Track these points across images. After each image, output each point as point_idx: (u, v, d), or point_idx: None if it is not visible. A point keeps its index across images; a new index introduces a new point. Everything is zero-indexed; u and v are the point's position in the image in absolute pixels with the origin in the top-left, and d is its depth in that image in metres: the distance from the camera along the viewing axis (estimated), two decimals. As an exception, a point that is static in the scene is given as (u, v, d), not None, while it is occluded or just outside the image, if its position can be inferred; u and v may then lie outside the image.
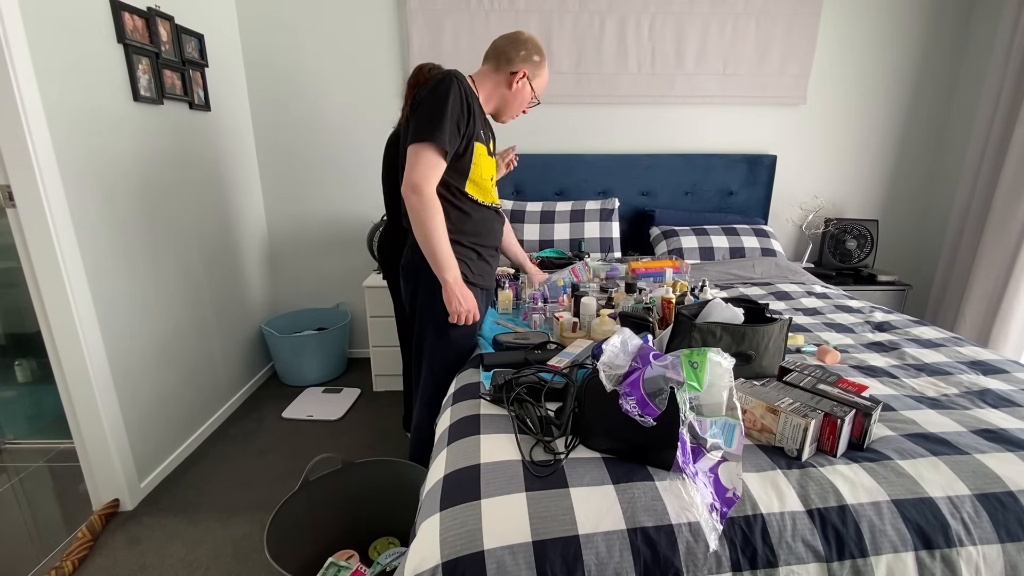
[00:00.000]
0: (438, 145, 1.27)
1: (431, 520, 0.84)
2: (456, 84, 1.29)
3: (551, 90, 2.67)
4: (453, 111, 1.28)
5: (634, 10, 2.57)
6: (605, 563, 0.78)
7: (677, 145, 2.83)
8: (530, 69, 1.45)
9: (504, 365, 1.31)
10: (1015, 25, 2.37)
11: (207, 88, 2.28)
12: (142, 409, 1.90)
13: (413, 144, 1.28)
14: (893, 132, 2.86)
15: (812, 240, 2.94)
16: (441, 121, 1.26)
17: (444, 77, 1.30)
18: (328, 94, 2.66)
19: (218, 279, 2.40)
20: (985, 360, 1.43)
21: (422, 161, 1.28)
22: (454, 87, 1.29)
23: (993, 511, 0.86)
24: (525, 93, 1.48)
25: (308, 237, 2.89)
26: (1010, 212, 2.37)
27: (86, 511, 1.77)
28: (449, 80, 1.29)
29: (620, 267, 2.24)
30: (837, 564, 0.81)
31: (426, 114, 1.28)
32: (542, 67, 1.48)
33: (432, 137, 1.26)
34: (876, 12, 2.67)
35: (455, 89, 1.29)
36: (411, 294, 1.50)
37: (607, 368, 0.97)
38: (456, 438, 1.04)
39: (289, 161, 2.75)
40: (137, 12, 1.85)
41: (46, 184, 1.51)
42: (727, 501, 0.84)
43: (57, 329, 1.61)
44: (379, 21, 2.57)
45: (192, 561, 1.59)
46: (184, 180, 2.15)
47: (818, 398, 1.01)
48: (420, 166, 1.28)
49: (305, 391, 2.66)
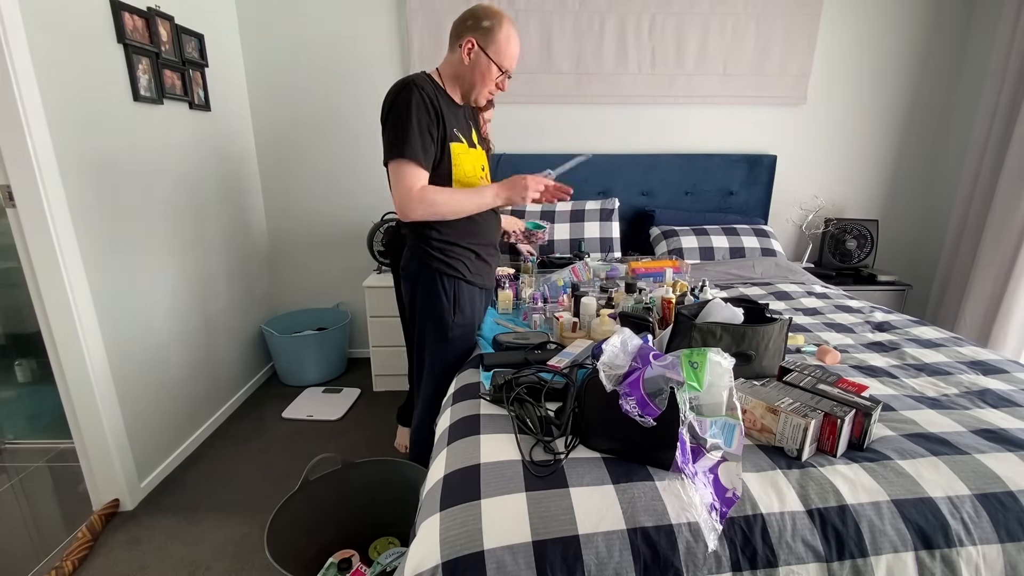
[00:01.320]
0: (411, 159, 1.28)
1: (431, 520, 0.84)
2: (416, 92, 1.28)
3: (551, 90, 2.67)
4: (420, 122, 1.28)
5: (634, 10, 2.57)
6: (605, 563, 0.78)
7: (677, 145, 2.83)
8: (479, 37, 1.35)
9: (504, 365, 1.31)
10: (1015, 25, 2.37)
11: (207, 88, 2.28)
12: (142, 409, 1.90)
13: (389, 162, 1.30)
14: (893, 132, 2.86)
15: (812, 240, 2.94)
16: (407, 134, 1.27)
17: (402, 88, 1.29)
18: (328, 94, 2.65)
19: (218, 279, 2.40)
20: (985, 360, 1.43)
21: (404, 175, 1.29)
22: (414, 96, 1.28)
23: (993, 511, 0.86)
24: (481, 64, 1.37)
25: (308, 237, 2.89)
26: (1010, 212, 2.37)
27: (86, 511, 1.77)
28: (408, 90, 1.28)
29: (620, 267, 2.24)
30: (837, 564, 0.81)
31: (392, 130, 1.28)
32: (495, 32, 1.35)
33: (403, 153, 1.27)
34: (876, 12, 2.67)
35: (415, 98, 1.28)
36: (410, 295, 1.51)
37: (607, 368, 0.96)
38: (456, 438, 1.04)
39: (289, 161, 2.75)
40: (137, 12, 1.85)
41: (46, 184, 1.51)
42: (727, 501, 0.84)
43: (57, 329, 1.61)
44: (379, 21, 2.57)
45: (192, 561, 1.59)
46: (184, 180, 2.15)
47: (818, 398, 1.01)
48: (404, 180, 1.29)
49: (305, 391, 2.66)
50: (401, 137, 1.27)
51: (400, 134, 1.27)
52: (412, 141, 1.27)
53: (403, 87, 1.30)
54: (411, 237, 1.47)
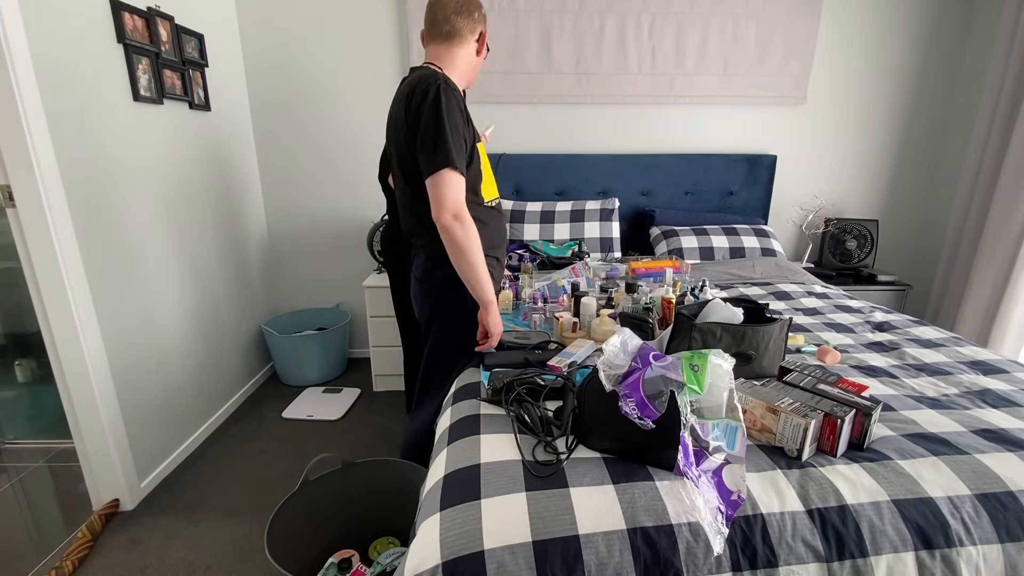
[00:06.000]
0: (456, 168, 1.23)
1: (431, 520, 0.84)
2: (451, 94, 1.24)
3: (551, 90, 2.67)
4: (457, 125, 1.24)
5: (634, 10, 2.57)
6: (605, 563, 0.78)
7: (677, 145, 2.83)
8: (486, 28, 1.38)
9: (504, 365, 1.31)
10: (1015, 24, 2.37)
11: (207, 88, 2.28)
12: (142, 409, 1.90)
13: (436, 173, 1.22)
14: (893, 132, 2.86)
15: (812, 240, 2.94)
16: (449, 141, 1.22)
17: (439, 90, 1.23)
18: (328, 94, 2.65)
19: (218, 279, 2.40)
20: (985, 360, 1.43)
21: (452, 187, 1.22)
22: (452, 99, 1.24)
23: (993, 511, 0.86)
24: (483, 54, 1.42)
25: (308, 237, 2.88)
26: (1010, 212, 2.37)
27: (86, 511, 1.77)
28: (447, 92, 1.24)
29: (620, 267, 2.24)
30: (837, 564, 0.81)
31: (434, 136, 1.22)
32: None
33: (449, 162, 1.21)
34: (876, 12, 2.67)
35: (453, 101, 1.24)
36: (431, 307, 1.45)
37: (607, 368, 0.96)
38: (456, 438, 1.04)
39: (289, 161, 2.75)
40: (137, 12, 1.85)
41: (46, 184, 1.51)
42: (732, 504, 0.84)
43: (57, 329, 1.61)
44: (379, 21, 2.57)
45: (192, 561, 1.59)
46: (184, 180, 2.15)
47: (818, 398, 1.01)
48: (451, 193, 1.22)
49: (305, 391, 2.66)
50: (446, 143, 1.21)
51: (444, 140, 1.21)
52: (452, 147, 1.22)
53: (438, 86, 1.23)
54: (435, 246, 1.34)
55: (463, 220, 1.24)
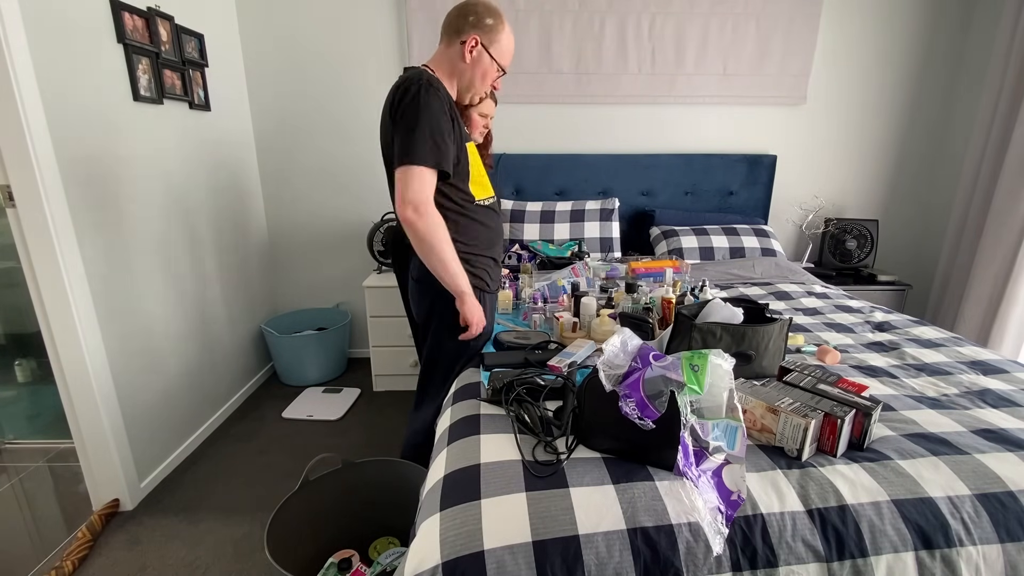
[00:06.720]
0: (422, 163, 1.22)
1: (431, 520, 0.84)
2: (433, 93, 1.23)
3: (551, 90, 2.67)
4: (434, 123, 1.23)
5: (634, 10, 2.57)
6: (605, 563, 0.78)
7: (677, 145, 2.83)
8: (483, 35, 1.32)
9: (504, 365, 1.31)
10: (1015, 24, 2.37)
11: (207, 88, 2.28)
12: (142, 409, 1.90)
13: (400, 167, 1.23)
14: (893, 132, 2.86)
15: (812, 240, 2.94)
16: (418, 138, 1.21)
17: (419, 89, 1.23)
18: (328, 93, 2.65)
19: (218, 279, 2.40)
20: (985, 360, 1.43)
21: (414, 181, 1.22)
22: (432, 98, 1.23)
23: (993, 511, 0.86)
24: (483, 63, 1.35)
25: (308, 237, 2.88)
26: (1010, 212, 2.37)
27: (86, 511, 1.77)
28: (427, 91, 1.23)
29: (620, 267, 2.24)
30: (837, 564, 0.81)
31: (404, 132, 1.22)
32: (498, 31, 1.34)
33: (413, 157, 1.21)
34: (876, 12, 2.67)
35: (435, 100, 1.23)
36: (428, 307, 1.45)
37: (607, 368, 0.96)
38: (456, 438, 1.04)
39: (289, 161, 2.75)
40: (137, 12, 1.85)
41: (46, 184, 1.51)
42: (732, 504, 0.84)
43: (57, 329, 1.61)
44: (379, 21, 2.57)
45: (192, 561, 1.59)
46: (184, 180, 2.15)
47: (818, 398, 1.01)
48: (413, 186, 1.22)
49: (305, 391, 2.66)
50: (419, 139, 1.21)
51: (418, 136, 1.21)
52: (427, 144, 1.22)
53: (420, 85, 1.23)
54: None
55: (423, 214, 1.24)
